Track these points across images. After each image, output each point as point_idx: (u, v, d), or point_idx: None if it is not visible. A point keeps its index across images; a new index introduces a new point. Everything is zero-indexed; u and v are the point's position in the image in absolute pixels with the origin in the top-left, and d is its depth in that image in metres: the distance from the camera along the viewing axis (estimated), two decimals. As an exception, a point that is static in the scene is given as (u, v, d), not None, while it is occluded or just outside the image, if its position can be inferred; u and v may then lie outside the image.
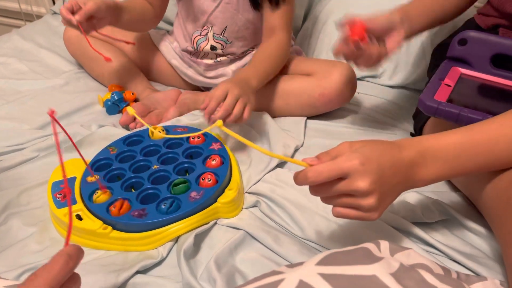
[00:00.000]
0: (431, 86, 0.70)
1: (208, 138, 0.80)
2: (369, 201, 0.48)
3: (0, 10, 1.72)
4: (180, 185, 0.68)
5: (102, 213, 0.65)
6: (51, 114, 0.49)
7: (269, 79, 0.89)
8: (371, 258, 0.39)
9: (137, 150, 0.78)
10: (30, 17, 1.67)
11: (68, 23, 0.84)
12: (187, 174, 0.73)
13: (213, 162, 0.73)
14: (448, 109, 0.64)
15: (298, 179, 0.51)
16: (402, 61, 1.07)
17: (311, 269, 0.37)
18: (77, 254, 0.41)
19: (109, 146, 0.79)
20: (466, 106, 0.65)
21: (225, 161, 0.73)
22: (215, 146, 0.78)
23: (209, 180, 0.69)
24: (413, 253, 0.45)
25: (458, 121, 0.64)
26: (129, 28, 0.97)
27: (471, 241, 0.64)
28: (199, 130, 0.81)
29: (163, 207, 0.65)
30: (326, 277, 0.36)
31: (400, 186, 0.51)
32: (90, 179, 0.70)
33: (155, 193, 0.68)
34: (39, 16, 1.61)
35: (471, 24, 0.84)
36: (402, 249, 0.46)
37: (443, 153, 0.52)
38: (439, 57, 0.83)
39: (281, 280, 0.36)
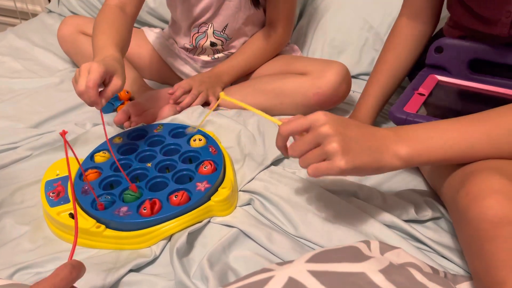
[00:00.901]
0: (403, 96, 0.72)
1: (209, 140, 0.80)
2: (332, 144, 0.51)
3: (-5, 8, 1.72)
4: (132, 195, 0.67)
5: (95, 211, 0.64)
6: (63, 134, 0.49)
7: (248, 72, 0.99)
8: (361, 257, 0.40)
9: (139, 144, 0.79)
10: (25, 16, 1.67)
11: (90, 104, 0.67)
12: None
13: (205, 169, 0.71)
14: (416, 120, 0.66)
15: (277, 139, 0.58)
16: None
17: (301, 267, 0.38)
18: (80, 266, 0.45)
19: (117, 136, 0.81)
20: (436, 115, 0.66)
21: (218, 167, 0.72)
22: (212, 150, 0.76)
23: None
24: (402, 253, 0.46)
25: None
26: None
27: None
28: (194, 128, 0.82)
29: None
30: (315, 274, 0.36)
31: (371, 151, 0.54)
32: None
33: (163, 181, 0.70)
34: (34, 15, 1.61)
35: (440, 36, 0.85)
36: (392, 248, 0.46)
37: (416, 133, 0.55)
38: (417, 67, 0.84)
39: (270, 277, 0.37)
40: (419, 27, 0.81)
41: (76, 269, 0.44)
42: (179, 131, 0.82)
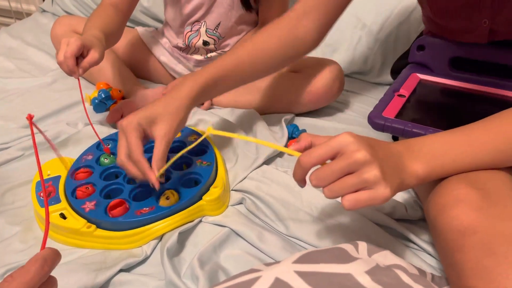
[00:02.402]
0: (383, 99, 0.71)
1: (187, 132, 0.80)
2: (373, 171, 0.45)
3: (-11, 8, 1.71)
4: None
5: (85, 212, 0.64)
6: (29, 118, 0.49)
7: None
8: (347, 258, 0.40)
9: None
10: (20, 15, 1.66)
11: (69, 72, 0.76)
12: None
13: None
14: (394, 125, 0.65)
15: (296, 172, 0.49)
16: (389, 58, 1.07)
17: (288, 267, 0.37)
18: (53, 257, 0.41)
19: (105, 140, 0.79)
20: (416, 117, 0.67)
21: (210, 166, 0.72)
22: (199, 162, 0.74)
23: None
24: (389, 254, 0.46)
25: (404, 135, 0.65)
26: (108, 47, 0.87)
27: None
28: (190, 129, 0.82)
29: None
30: (301, 274, 0.36)
31: (398, 172, 0.49)
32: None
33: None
34: (29, 14, 1.60)
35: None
36: (379, 250, 0.46)
37: (428, 148, 0.51)
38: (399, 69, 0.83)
39: (257, 278, 0.37)
40: (300, 31, 0.74)
41: (48, 262, 0.40)
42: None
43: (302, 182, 0.50)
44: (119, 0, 0.91)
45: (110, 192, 0.69)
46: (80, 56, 0.75)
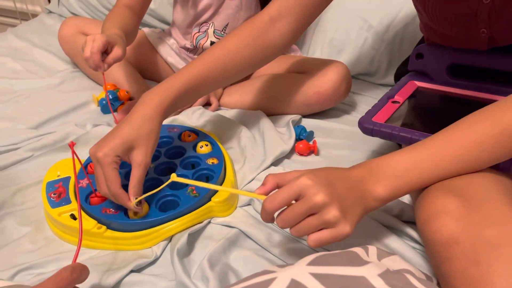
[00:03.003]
0: (376, 105, 0.73)
1: (199, 136, 0.80)
2: (332, 212, 0.48)
3: (-5, 9, 1.72)
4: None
5: (96, 212, 0.65)
6: (71, 146, 0.50)
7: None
8: (359, 261, 0.40)
9: None
10: (25, 16, 1.67)
11: (95, 67, 0.79)
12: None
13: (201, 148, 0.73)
14: (382, 129, 0.67)
15: (262, 215, 0.52)
16: (395, 59, 1.07)
17: (303, 269, 0.38)
18: (81, 269, 0.46)
19: None
20: (405, 124, 0.68)
21: (219, 167, 0.73)
22: (210, 161, 0.75)
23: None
24: (398, 259, 0.46)
25: (392, 139, 0.67)
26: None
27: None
28: (192, 128, 0.82)
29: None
30: (317, 276, 0.36)
31: (359, 201, 0.51)
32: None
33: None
34: (34, 15, 1.61)
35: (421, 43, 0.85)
36: (389, 255, 0.47)
37: (391, 168, 0.53)
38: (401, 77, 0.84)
39: (273, 279, 0.37)
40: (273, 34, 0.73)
41: (77, 271, 0.45)
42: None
43: (270, 221, 0.53)
44: (133, 2, 0.94)
45: None
46: (103, 53, 0.79)
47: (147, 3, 0.98)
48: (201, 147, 0.77)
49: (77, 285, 0.47)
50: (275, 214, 0.51)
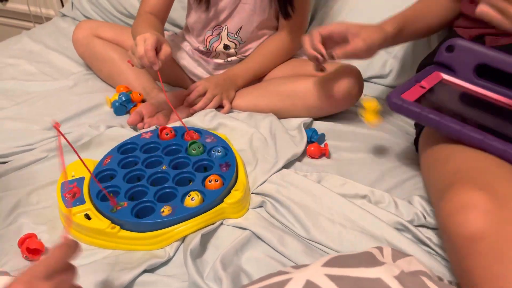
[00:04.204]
0: (404, 84, 0.72)
1: (218, 140, 0.81)
2: None
3: (9, 12, 1.74)
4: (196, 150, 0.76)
5: (110, 213, 0.65)
6: (56, 126, 0.51)
7: (262, 75, 1.02)
8: (375, 262, 0.40)
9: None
10: (39, 19, 1.69)
11: (150, 65, 0.80)
12: (190, 183, 0.73)
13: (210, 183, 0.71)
14: (411, 108, 0.66)
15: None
16: (408, 61, 1.07)
17: (318, 270, 0.38)
18: (71, 243, 0.45)
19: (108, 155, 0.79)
20: (433, 107, 0.66)
21: (231, 169, 0.73)
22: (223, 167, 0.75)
23: (216, 181, 0.70)
24: (414, 260, 0.46)
25: (419, 120, 0.67)
26: None
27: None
28: (207, 131, 0.83)
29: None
30: (332, 278, 0.37)
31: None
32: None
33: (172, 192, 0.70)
34: (48, 18, 1.63)
35: (453, 36, 0.85)
36: (404, 256, 0.46)
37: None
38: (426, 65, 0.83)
39: (288, 280, 0.37)
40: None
41: (67, 245, 0.44)
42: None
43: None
44: (156, 8, 0.97)
45: (134, 194, 0.70)
46: None
47: (169, 9, 1.00)
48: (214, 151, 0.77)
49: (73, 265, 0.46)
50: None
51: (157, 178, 0.73)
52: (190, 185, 0.71)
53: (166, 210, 0.65)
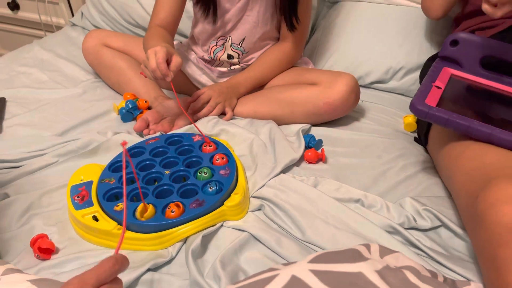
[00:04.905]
0: (423, 89, 0.73)
1: (219, 147, 0.85)
2: None
3: (21, 20, 1.80)
4: (203, 174, 0.76)
5: (116, 214, 0.69)
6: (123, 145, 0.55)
7: (263, 83, 1.05)
8: (359, 258, 0.43)
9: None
10: (49, 28, 1.74)
11: (162, 77, 0.82)
12: (184, 181, 0.77)
13: (218, 161, 0.78)
14: (438, 114, 0.67)
15: None
16: (411, 65, 1.11)
17: (303, 266, 0.41)
18: (123, 260, 0.48)
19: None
20: (454, 109, 0.68)
21: (231, 174, 0.77)
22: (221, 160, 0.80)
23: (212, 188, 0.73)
24: (401, 256, 0.49)
25: (446, 126, 0.67)
26: None
27: (459, 246, 0.68)
28: (211, 138, 0.87)
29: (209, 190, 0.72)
30: (316, 273, 0.40)
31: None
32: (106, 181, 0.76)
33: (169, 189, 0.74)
34: (58, 27, 1.68)
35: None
36: (391, 252, 0.49)
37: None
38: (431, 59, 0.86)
39: (275, 275, 0.41)
40: None
41: (119, 262, 0.47)
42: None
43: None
44: (166, 21, 1.00)
45: (135, 196, 0.75)
46: None
47: (178, 22, 1.03)
48: (217, 160, 0.80)
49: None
50: None
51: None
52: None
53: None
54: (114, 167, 0.80)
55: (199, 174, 0.77)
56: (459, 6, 0.96)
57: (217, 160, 0.80)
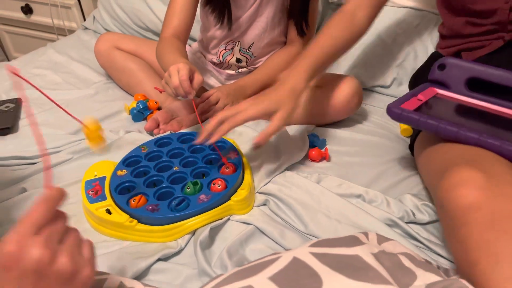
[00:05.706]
0: (402, 97, 0.77)
1: (227, 145, 0.88)
2: None
3: (34, 24, 1.85)
4: (190, 188, 0.75)
5: (128, 208, 0.73)
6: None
7: (270, 86, 1.03)
8: (357, 243, 0.46)
9: (164, 151, 0.86)
10: (62, 32, 1.79)
11: (185, 94, 0.82)
12: (203, 177, 0.80)
13: (227, 170, 0.80)
14: (410, 115, 0.71)
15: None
16: (411, 71, 1.13)
17: (304, 249, 0.45)
18: (55, 194, 0.43)
19: (142, 145, 0.88)
20: (431, 115, 0.71)
21: (238, 169, 0.80)
22: (232, 155, 0.84)
23: (219, 186, 0.76)
24: (398, 244, 0.52)
25: (418, 126, 0.71)
26: None
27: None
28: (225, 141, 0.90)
29: (172, 203, 0.73)
30: (316, 255, 0.43)
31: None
32: (119, 173, 0.80)
33: (170, 191, 0.76)
34: (70, 31, 1.73)
35: (436, 56, 0.91)
36: (388, 240, 0.52)
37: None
38: (415, 85, 0.89)
39: (278, 258, 0.44)
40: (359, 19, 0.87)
41: (51, 198, 0.43)
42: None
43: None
44: (179, 30, 1.00)
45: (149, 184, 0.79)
46: None
47: (189, 30, 1.03)
48: (227, 169, 0.82)
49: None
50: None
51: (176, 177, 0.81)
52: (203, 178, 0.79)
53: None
54: (128, 162, 0.84)
55: (187, 190, 0.76)
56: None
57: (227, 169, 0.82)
